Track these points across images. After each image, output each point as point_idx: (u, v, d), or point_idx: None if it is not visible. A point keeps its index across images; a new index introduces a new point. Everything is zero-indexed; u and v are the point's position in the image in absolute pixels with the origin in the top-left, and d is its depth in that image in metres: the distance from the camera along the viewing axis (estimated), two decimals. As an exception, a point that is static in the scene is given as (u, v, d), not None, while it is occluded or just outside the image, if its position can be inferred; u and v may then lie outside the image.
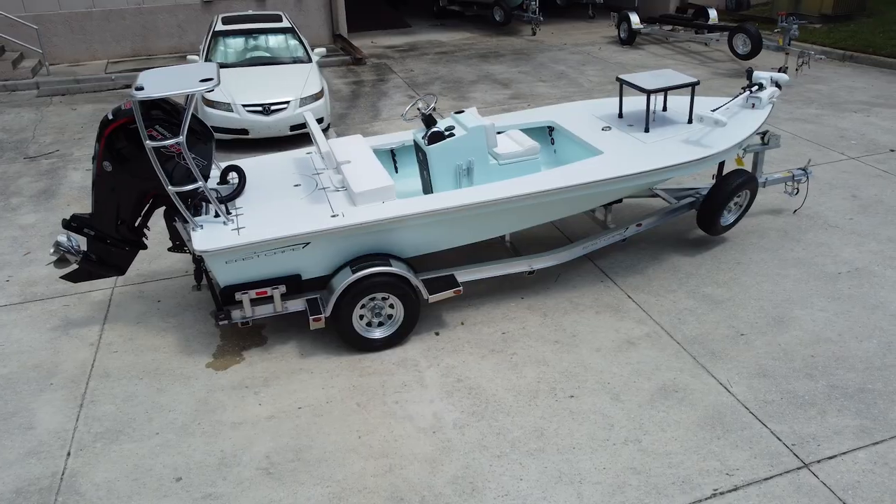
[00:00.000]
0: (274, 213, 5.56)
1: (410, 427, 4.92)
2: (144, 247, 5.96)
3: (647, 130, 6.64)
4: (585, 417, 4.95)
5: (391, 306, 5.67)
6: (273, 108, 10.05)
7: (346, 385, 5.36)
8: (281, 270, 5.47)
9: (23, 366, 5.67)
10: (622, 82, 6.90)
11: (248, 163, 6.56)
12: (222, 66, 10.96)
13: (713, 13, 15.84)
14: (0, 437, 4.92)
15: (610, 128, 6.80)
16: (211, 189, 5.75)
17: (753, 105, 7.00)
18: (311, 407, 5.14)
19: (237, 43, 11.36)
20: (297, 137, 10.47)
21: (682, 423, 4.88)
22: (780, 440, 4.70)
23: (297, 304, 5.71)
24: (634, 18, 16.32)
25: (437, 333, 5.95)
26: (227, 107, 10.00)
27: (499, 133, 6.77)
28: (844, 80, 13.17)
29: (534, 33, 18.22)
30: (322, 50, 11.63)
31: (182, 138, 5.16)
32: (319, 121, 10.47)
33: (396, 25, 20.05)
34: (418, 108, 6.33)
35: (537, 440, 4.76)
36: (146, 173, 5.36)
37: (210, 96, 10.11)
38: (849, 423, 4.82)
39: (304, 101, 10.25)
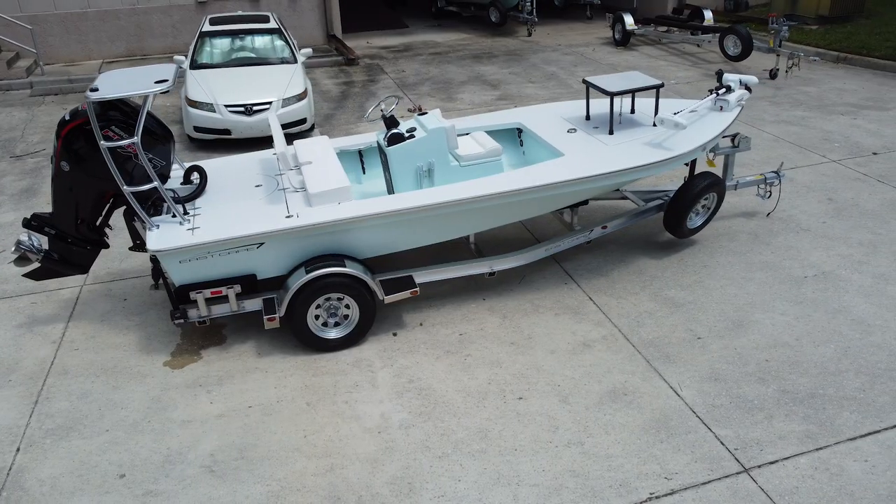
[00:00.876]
0: (231, 213, 5.61)
1: (357, 427, 4.95)
2: (106, 246, 6.03)
3: (611, 133, 6.64)
4: (531, 419, 4.96)
5: (347, 307, 5.70)
6: (255, 108, 10.11)
7: (299, 385, 5.39)
8: (235, 270, 5.51)
9: (-15, 362, 5.75)
10: (588, 84, 6.90)
11: (214, 163, 6.61)
12: (208, 66, 11.03)
13: (708, 14, 15.76)
14: (-47, 432, 5.00)
15: (575, 130, 6.81)
16: (168, 189, 5.80)
17: (721, 108, 6.98)
18: (262, 406, 5.18)
19: (223, 43, 11.44)
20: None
21: (626, 427, 4.87)
22: (723, 444, 4.69)
23: (254, 304, 5.75)
24: (629, 20, 16.27)
25: (394, 334, 5.98)
26: (209, 107, 10.07)
27: (464, 135, 6.79)
28: (835, 82, 13.08)
29: (529, 34, 18.21)
30: (308, 51, 11.68)
31: (137, 139, 5.22)
32: (302, 121, 10.53)
33: (393, 26, 20.10)
34: (381, 110, 6.36)
35: (480, 441, 4.78)
36: (103, 173, 5.42)
37: (193, 96, 10.19)
38: (794, 429, 4.80)
39: (287, 102, 10.31)
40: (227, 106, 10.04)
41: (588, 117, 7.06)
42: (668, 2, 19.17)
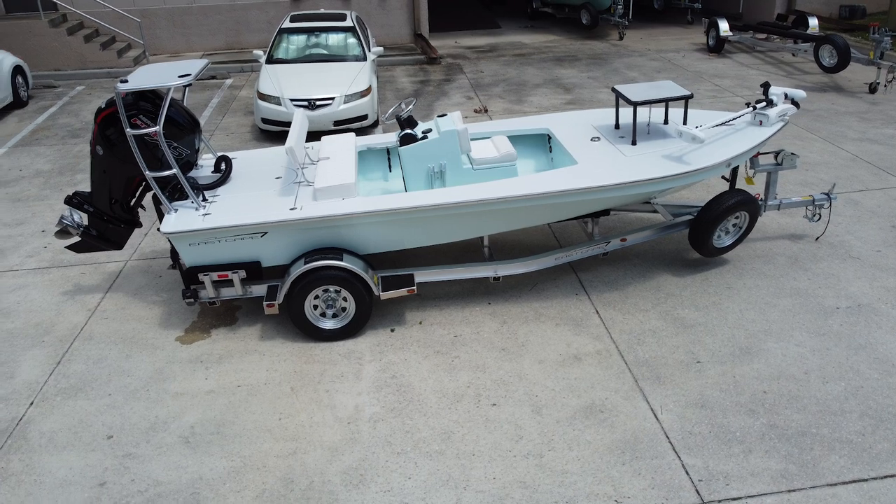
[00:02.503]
0: (244, 202, 5.93)
1: (329, 415, 5.12)
2: (139, 225, 6.52)
3: (634, 143, 6.45)
4: (498, 427, 4.96)
5: (345, 299, 5.89)
6: (318, 103, 10.52)
7: (289, 370, 5.64)
8: (241, 256, 5.82)
9: (27, 323, 6.38)
10: (617, 93, 6.73)
11: (247, 154, 6.98)
12: (282, 61, 11.57)
13: (813, 21, 14.79)
14: (-17, 382, 5.61)
15: (599, 138, 6.66)
16: (189, 177, 6.20)
17: (761, 122, 6.61)
18: (249, 386, 5.46)
19: (299, 40, 11.96)
20: (341, 133, 10.89)
21: (592, 444, 4.77)
22: (687, 474, 4.50)
23: (261, 289, 6.06)
24: (723, 25, 15.55)
25: (392, 330, 6.11)
26: (276, 100, 10.57)
27: (485, 139, 6.81)
28: (943, 99, 11.95)
29: (620, 38, 17.77)
30: (379, 49, 12.00)
31: (158, 127, 5.62)
32: (364, 117, 10.84)
33: (485, 26, 20.18)
34: (401, 110, 6.49)
35: (441, 443, 4.82)
36: (132, 158, 5.87)
37: (263, 90, 10.73)
38: (771, 466, 4.53)
39: (350, 98, 10.65)
40: (292, 100, 10.50)
41: (617, 126, 6.89)
42: (776, 7, 18.13)
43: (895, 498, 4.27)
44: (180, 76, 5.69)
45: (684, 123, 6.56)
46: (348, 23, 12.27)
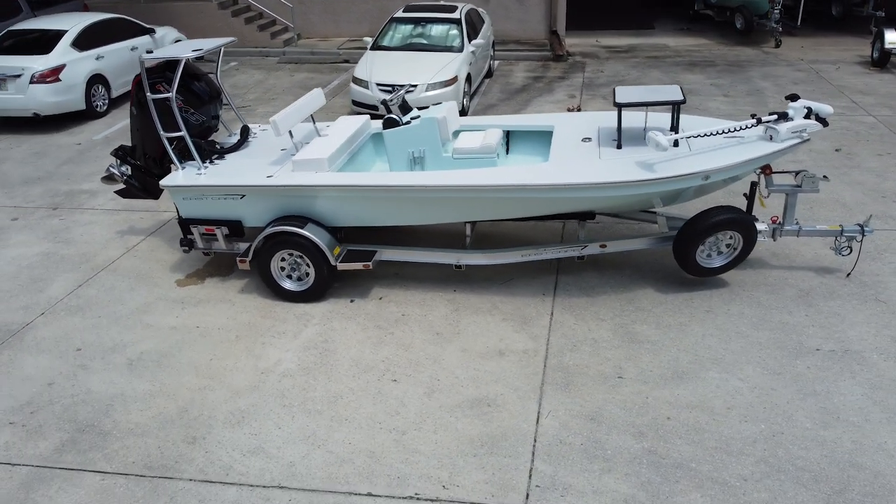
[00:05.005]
0: (240, 167, 6.60)
1: (251, 364, 5.64)
2: (171, 180, 7.45)
3: (619, 147, 6.20)
4: (384, 400, 5.16)
5: (308, 265, 6.35)
6: (401, 89, 11.03)
7: (245, 321, 6.23)
8: (225, 214, 6.49)
9: (77, 251, 7.60)
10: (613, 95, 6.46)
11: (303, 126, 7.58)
12: (384, 48, 12.25)
13: None
14: (20, 290, 6.82)
15: (590, 139, 6.47)
16: (210, 140, 6.98)
17: (771, 137, 6.03)
18: (205, 328, 6.14)
19: (406, 29, 12.55)
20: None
21: (458, 433, 4.82)
22: (529, 478, 4.42)
23: (244, 247, 6.71)
24: (890, 37, 13.76)
25: (352, 301, 6.48)
26: (365, 84, 11.27)
27: (480, 131, 6.89)
28: None
29: (777, 45, 16.34)
30: (480, 41, 12.25)
31: (172, 94, 6.44)
32: (445, 106, 11.18)
33: (638, 27, 19.49)
34: (398, 98, 6.79)
35: (326, 405, 5.14)
36: (170, 118, 6.74)
37: (357, 74, 11.48)
38: (619, 490, 4.31)
39: (433, 87, 11.05)
40: (378, 84, 11.13)
41: (619, 129, 6.62)
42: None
43: (734, 549, 3.90)
44: (193, 50, 6.46)
45: (675, 130, 6.17)
46: (455, 16, 12.63)
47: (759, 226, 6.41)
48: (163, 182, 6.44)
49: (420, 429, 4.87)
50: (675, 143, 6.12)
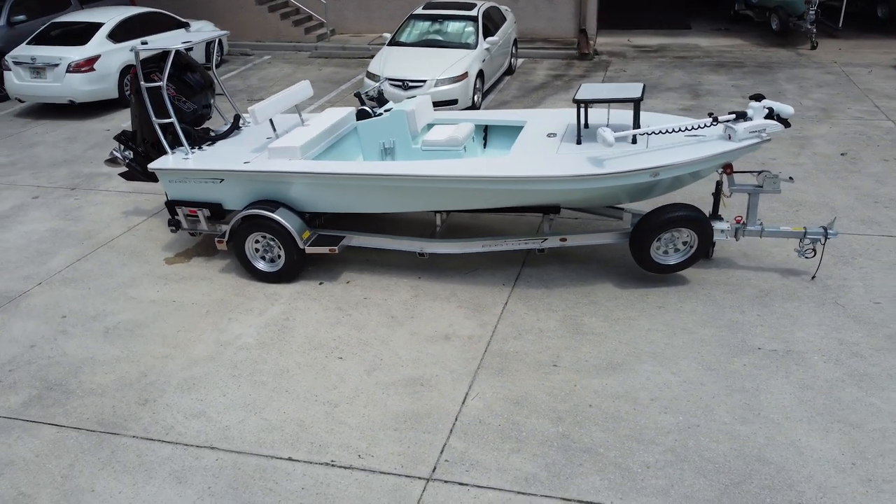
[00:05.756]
0: (224, 153, 7.00)
1: (213, 337, 6.02)
2: (169, 164, 7.93)
3: (578, 142, 6.33)
4: (325, 375, 5.46)
5: (279, 247, 6.71)
6: (411, 84, 11.33)
7: (218, 297, 6.63)
8: (206, 197, 6.90)
9: (83, 228, 8.17)
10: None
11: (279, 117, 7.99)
12: (400, 44, 12.56)
13: None
14: (25, 262, 7.41)
15: (555, 135, 6.61)
16: (204, 128, 7.43)
17: (730, 136, 6.06)
18: (181, 303, 6.56)
19: (423, 26, 12.83)
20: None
21: (387, 408, 5.08)
22: (441, 452, 4.65)
23: (226, 228, 7.11)
24: (926, 39, 13.28)
25: (321, 283, 6.80)
26: (377, 79, 11.60)
27: (452, 124, 7.11)
28: None
29: (813, 47, 15.93)
30: (495, 39, 12.43)
31: (162, 83, 6.88)
32: (454, 102, 11.43)
33: (673, 26, 19.26)
34: (377, 91, 7.07)
35: (271, 377, 5.47)
36: (154, 105, 7.23)
37: (370, 68, 11.83)
38: (523, 468, 4.49)
39: (442, 82, 11.30)
40: (388, 79, 11.45)
41: (586, 125, 6.74)
42: None
43: (618, 529, 4.05)
44: (183, 42, 6.90)
45: (635, 126, 6.26)
46: (472, 13, 12.84)
47: (722, 225, 6.45)
48: (151, 165, 6.90)
49: (352, 403, 5.15)
50: (634, 140, 6.23)
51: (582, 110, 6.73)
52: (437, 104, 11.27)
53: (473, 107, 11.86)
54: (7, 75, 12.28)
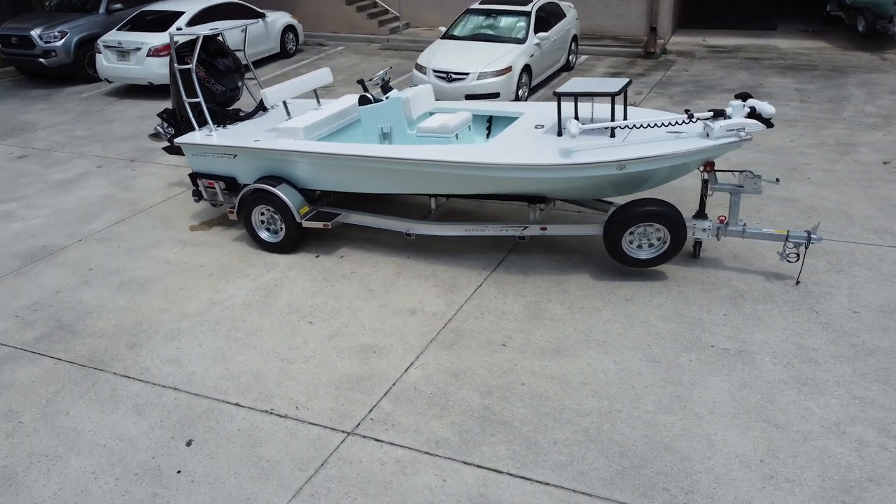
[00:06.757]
0: (242, 132, 7.63)
1: (206, 296, 6.64)
2: (204, 141, 8.67)
3: (559, 134, 6.48)
4: (292, 336, 5.94)
5: (280, 220, 7.26)
6: (454, 76, 11.68)
7: (224, 262, 7.26)
8: (222, 171, 7.55)
9: (130, 196, 9.06)
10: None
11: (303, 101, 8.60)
12: (452, 38, 12.90)
13: None
14: (73, 221, 8.34)
15: (542, 127, 6.79)
16: (233, 109, 8.09)
17: (708, 134, 6.04)
18: (190, 265, 7.24)
19: (477, 20, 13.12)
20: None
21: (337, 369, 5.50)
22: (369, 411, 5.02)
23: (241, 202, 7.74)
24: None
25: (317, 256, 7.30)
26: (424, 70, 12.02)
27: (452, 113, 7.41)
28: None
29: (900, 51, 15.00)
30: (546, 34, 12.55)
31: (192, 65, 7.58)
32: (496, 95, 11.68)
33: (758, 26, 18.55)
34: (381, 78, 7.49)
35: (245, 334, 6.01)
36: (186, 85, 7.96)
37: (419, 60, 12.25)
38: (437, 432, 4.79)
39: (484, 76, 11.57)
40: (434, 71, 11.84)
41: (576, 118, 6.86)
42: None
43: (479, 489, 4.28)
44: (211, 28, 7.57)
45: (612, 119, 6.34)
46: (526, 8, 13.00)
47: (703, 224, 6.43)
48: (177, 139, 7.62)
49: (307, 362, 5.61)
50: (612, 134, 6.33)
51: (571, 104, 6.88)
52: (478, 97, 11.56)
53: (517, 100, 12.05)
54: (98, 58, 13.59)
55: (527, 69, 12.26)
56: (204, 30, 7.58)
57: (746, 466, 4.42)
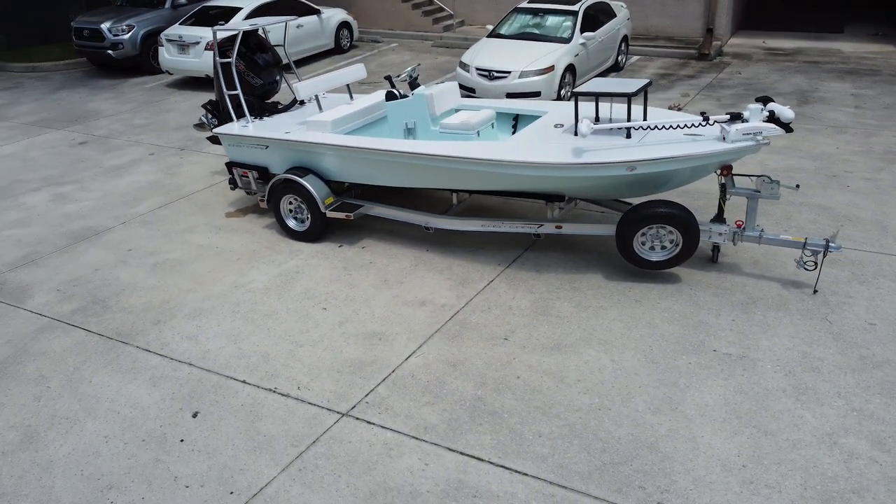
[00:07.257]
0: (277, 124, 7.95)
1: (232, 280, 6.97)
2: (244, 132, 9.05)
3: (575, 134, 6.52)
4: (304, 320, 6.19)
5: (306, 210, 7.54)
6: (496, 74, 11.77)
7: (252, 248, 7.59)
8: (255, 161, 7.88)
9: (174, 183, 9.54)
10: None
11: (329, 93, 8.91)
12: (499, 36, 12.99)
13: None
14: (121, 204, 8.85)
15: (562, 126, 6.84)
16: (271, 102, 8.45)
17: (724, 137, 5.98)
18: (221, 249, 7.60)
19: (524, 19, 13.16)
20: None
21: (342, 354, 5.72)
22: (366, 395, 5.21)
23: (273, 191, 8.07)
24: None
25: (340, 245, 7.55)
26: (467, 68, 12.16)
27: (476, 110, 7.53)
28: None
29: (974, 57, 14.26)
30: (592, 34, 12.49)
31: (232, 59, 7.94)
32: (537, 94, 11.72)
33: (823, 29, 17.92)
34: (409, 74, 7.68)
35: (261, 316, 6.30)
36: (228, 79, 8.34)
37: (463, 58, 12.39)
38: (427, 418, 4.94)
39: (526, 74, 11.63)
40: (477, 69, 11.97)
41: (597, 118, 6.89)
42: None
43: (458, 474, 4.40)
44: (250, 24, 7.92)
45: (628, 119, 6.34)
46: (573, 8, 12.97)
47: (720, 228, 6.36)
48: (215, 129, 8.00)
49: (315, 346, 5.85)
50: (629, 135, 6.34)
51: (592, 104, 6.90)
52: (518, 95, 11.63)
53: (559, 100, 12.05)
54: (160, 51, 14.27)
55: (570, 69, 12.24)
56: (244, 25, 7.93)
57: (727, 470, 4.41)
